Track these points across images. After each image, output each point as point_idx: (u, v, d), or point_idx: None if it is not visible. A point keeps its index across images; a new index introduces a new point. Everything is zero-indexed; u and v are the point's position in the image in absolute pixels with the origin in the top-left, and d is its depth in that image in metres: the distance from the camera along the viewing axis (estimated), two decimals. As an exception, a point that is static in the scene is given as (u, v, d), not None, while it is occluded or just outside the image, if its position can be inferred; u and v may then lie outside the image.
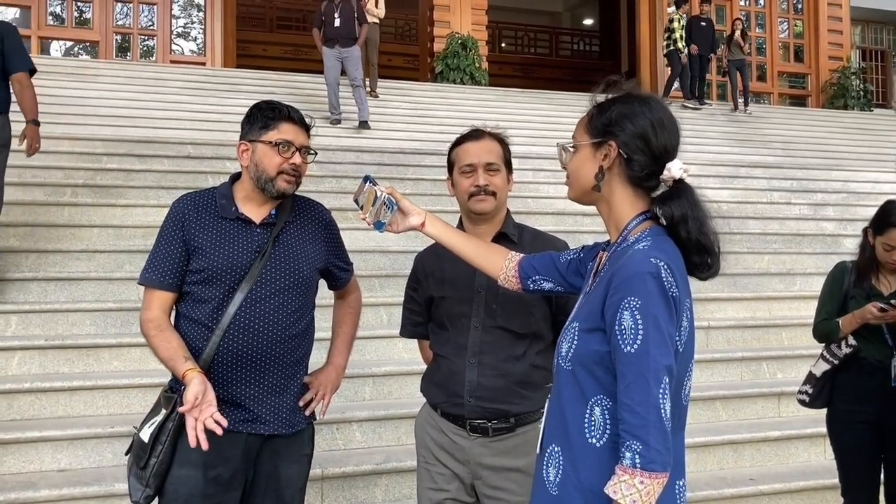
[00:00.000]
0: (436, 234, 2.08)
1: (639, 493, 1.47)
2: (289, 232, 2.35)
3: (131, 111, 8.52)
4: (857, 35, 18.15)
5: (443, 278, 2.35)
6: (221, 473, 2.22)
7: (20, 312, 4.41)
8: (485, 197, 2.28)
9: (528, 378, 2.27)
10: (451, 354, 2.30)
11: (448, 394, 2.30)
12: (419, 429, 2.44)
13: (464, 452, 2.29)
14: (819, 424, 4.51)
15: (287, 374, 2.30)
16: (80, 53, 13.67)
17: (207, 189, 2.39)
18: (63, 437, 3.63)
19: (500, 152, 2.35)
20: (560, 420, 1.66)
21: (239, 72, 11.69)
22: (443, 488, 2.32)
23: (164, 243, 2.27)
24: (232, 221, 2.29)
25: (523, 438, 2.28)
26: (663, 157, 1.65)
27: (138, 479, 2.21)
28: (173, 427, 2.18)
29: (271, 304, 2.24)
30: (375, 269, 5.35)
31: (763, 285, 6.16)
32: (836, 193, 8.61)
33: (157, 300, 2.26)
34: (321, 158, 7.29)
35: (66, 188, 6.08)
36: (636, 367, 1.50)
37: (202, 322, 2.22)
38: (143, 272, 2.28)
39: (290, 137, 2.29)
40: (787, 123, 12.57)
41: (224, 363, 2.21)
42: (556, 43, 22.11)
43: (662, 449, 1.47)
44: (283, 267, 2.28)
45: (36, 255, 4.95)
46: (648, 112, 1.67)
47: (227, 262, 2.23)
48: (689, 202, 1.63)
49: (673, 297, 1.53)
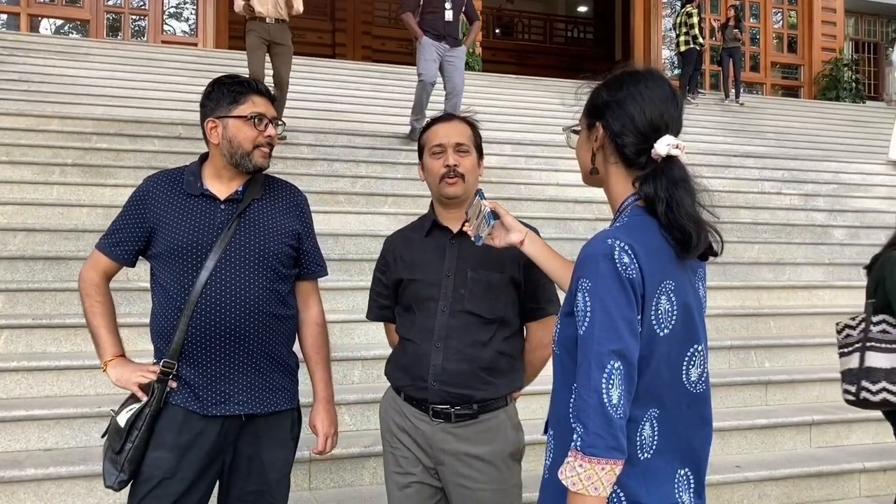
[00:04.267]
0: (534, 253, 2.02)
1: (578, 477, 1.45)
2: (256, 208, 2.31)
3: (122, 91, 8.46)
4: (851, 27, 18.17)
5: (412, 261, 2.32)
6: (196, 456, 2.20)
7: (7, 291, 4.39)
8: (454, 179, 2.26)
9: (493, 364, 2.26)
10: (417, 338, 2.27)
11: (412, 377, 2.27)
12: (383, 413, 2.42)
13: (426, 438, 2.27)
14: (804, 413, 4.57)
15: (262, 353, 2.26)
16: (70, 32, 13.53)
17: (178, 167, 2.39)
18: (50, 417, 3.62)
19: (471, 135, 2.34)
20: (555, 405, 1.65)
21: (231, 53, 11.63)
22: (409, 471, 2.31)
23: (122, 217, 2.32)
24: (196, 198, 2.28)
25: (485, 426, 2.26)
26: (652, 134, 1.60)
27: (113, 464, 2.20)
28: (150, 413, 2.18)
29: (239, 280, 2.21)
30: (366, 252, 5.33)
31: (752, 274, 6.19)
32: (827, 184, 8.64)
33: (101, 264, 2.33)
34: (313, 141, 7.28)
35: (55, 167, 6.04)
36: (583, 349, 1.49)
37: (173, 300, 2.21)
38: (101, 237, 2.35)
39: (262, 110, 2.28)
40: (780, 114, 12.60)
41: (195, 342, 2.19)
42: (551, 30, 22.02)
43: (605, 434, 1.44)
44: (249, 242, 2.25)
45: (24, 233, 4.91)
46: (634, 88, 1.62)
47: (189, 238, 2.21)
48: (669, 180, 1.56)
49: (629, 279, 1.48)
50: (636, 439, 1.53)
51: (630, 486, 1.51)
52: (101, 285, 2.33)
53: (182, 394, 2.21)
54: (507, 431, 2.30)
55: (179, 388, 2.21)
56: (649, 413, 1.55)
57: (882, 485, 4.23)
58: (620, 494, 1.50)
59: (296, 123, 7.07)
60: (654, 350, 1.53)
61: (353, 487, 3.69)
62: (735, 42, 13.20)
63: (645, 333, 1.51)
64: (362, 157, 7.20)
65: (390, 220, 5.80)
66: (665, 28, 15.68)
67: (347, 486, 3.70)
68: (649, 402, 1.54)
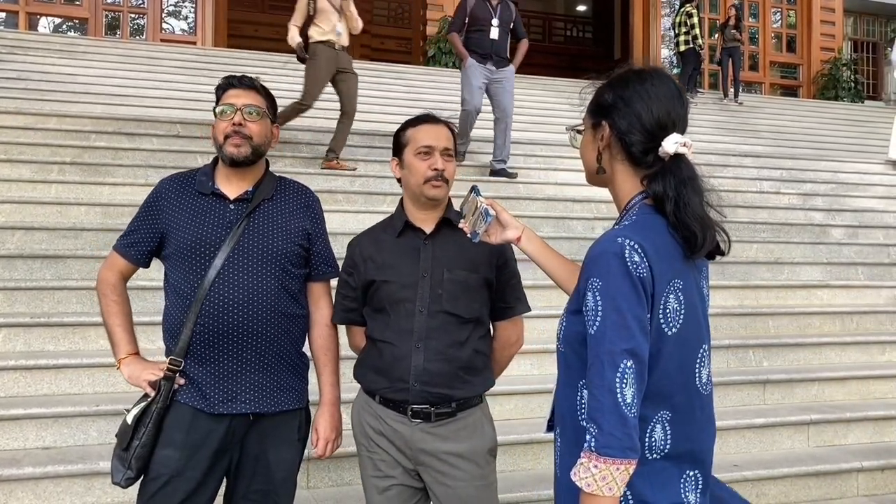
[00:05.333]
0: (531, 250, 2.01)
1: (593, 478, 1.45)
2: (266, 208, 2.32)
3: (120, 89, 8.45)
4: (850, 27, 18.17)
5: (384, 263, 2.31)
6: (205, 455, 2.21)
7: (5, 290, 4.38)
8: (440, 183, 2.28)
9: (471, 363, 2.28)
10: (394, 340, 2.26)
11: (391, 379, 2.26)
12: (355, 417, 2.40)
13: (404, 439, 2.27)
14: (802, 412, 4.57)
15: (270, 352, 2.27)
16: (68, 30, 13.52)
17: (194, 169, 2.42)
18: (48, 415, 3.61)
19: (453, 141, 2.37)
20: (559, 403, 1.65)
21: (230, 51, 11.61)
22: (388, 475, 2.30)
23: (138, 219, 2.37)
24: (207, 197, 2.31)
25: (463, 423, 2.28)
26: (659, 133, 1.59)
27: (120, 461, 2.22)
28: (157, 410, 2.20)
29: (247, 279, 2.23)
30: (364, 251, 5.32)
31: (751, 274, 6.19)
32: (825, 184, 8.64)
33: (117, 265, 2.39)
34: (311, 140, 7.27)
35: (53, 165, 6.03)
36: (595, 349, 1.49)
37: (183, 298, 2.24)
38: (118, 238, 2.41)
39: (231, 101, 2.30)
40: (778, 113, 12.60)
41: (202, 339, 2.21)
42: (550, 29, 22.00)
43: (619, 434, 1.44)
44: (258, 242, 2.26)
45: (22, 231, 4.90)
46: (640, 87, 1.62)
47: (198, 237, 2.24)
48: (677, 179, 1.57)
49: (640, 277, 1.48)
50: (645, 439, 1.53)
51: (637, 486, 1.51)
52: (117, 285, 2.38)
53: (189, 392, 2.24)
54: (485, 427, 2.34)
55: (187, 385, 2.23)
56: (661, 415, 1.54)
57: (880, 484, 4.24)
58: (627, 493, 1.51)
59: (294, 122, 7.05)
60: (661, 349, 1.53)
61: (351, 486, 3.69)
62: (734, 42, 13.21)
63: (653, 332, 1.51)
64: (361, 156, 7.19)
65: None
66: (664, 27, 15.69)
67: (346, 485, 3.70)
68: (660, 404, 1.54)
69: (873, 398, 4.93)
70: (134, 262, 2.37)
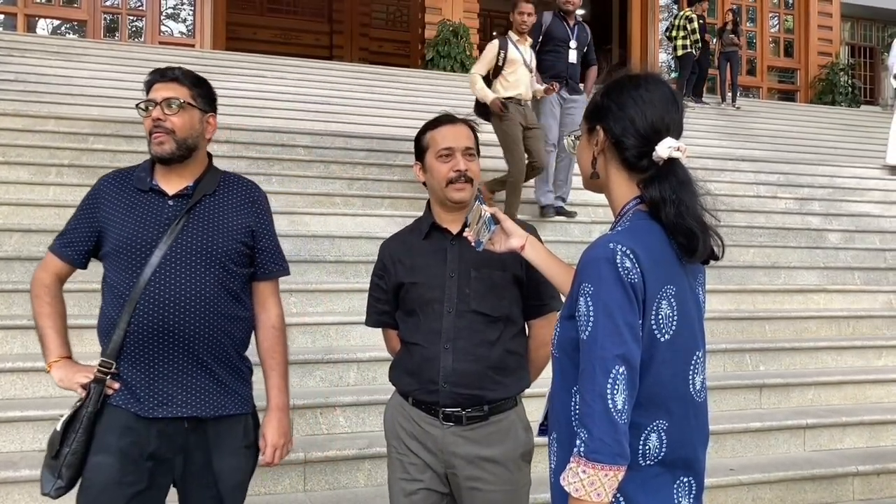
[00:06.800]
0: (535, 258, 2.01)
1: (581, 483, 1.45)
2: (207, 205, 2.23)
3: (119, 92, 8.42)
4: (847, 31, 18.23)
5: (413, 265, 2.30)
6: (141, 461, 2.12)
7: (3, 292, 4.38)
8: (464, 185, 2.25)
9: (502, 363, 2.25)
10: (423, 341, 2.25)
11: (421, 381, 2.25)
12: (389, 419, 2.39)
13: (436, 442, 2.25)
14: (798, 416, 4.58)
15: (209, 354, 2.17)
16: (67, 33, 13.52)
17: (136, 165, 2.36)
18: (45, 418, 3.60)
19: (474, 139, 2.33)
20: (555, 408, 1.65)
21: (228, 54, 11.61)
22: (416, 478, 2.28)
23: (75, 218, 2.30)
24: (145, 194, 2.23)
25: (496, 427, 2.25)
26: (654, 137, 1.59)
27: (50, 470, 2.12)
28: (87, 414, 2.11)
29: (184, 278, 2.14)
30: (362, 254, 5.33)
31: (748, 278, 6.20)
32: (822, 188, 8.66)
33: (53, 266, 2.31)
34: (309, 143, 7.27)
35: (51, 168, 6.03)
36: (587, 354, 1.49)
37: (119, 297, 2.15)
38: (54, 238, 2.33)
39: (151, 96, 2.22)
40: (775, 118, 12.63)
41: (135, 340, 2.12)
42: (548, 32, 22.02)
43: (609, 440, 1.44)
44: (196, 240, 2.17)
45: (20, 234, 4.90)
46: (635, 91, 1.63)
47: (134, 234, 2.16)
48: (672, 184, 1.57)
49: (631, 283, 1.48)
50: (638, 447, 1.53)
51: (630, 491, 1.51)
52: (51, 287, 2.30)
53: (122, 395, 2.14)
54: (518, 432, 2.30)
55: (121, 388, 2.14)
56: (656, 424, 1.54)
57: (875, 488, 4.25)
58: (620, 499, 1.51)
59: (292, 125, 7.06)
60: (654, 355, 1.52)
61: (347, 489, 3.69)
62: (732, 46, 13.25)
63: (645, 338, 1.51)
64: (359, 159, 7.20)
65: (387, 221, 5.80)
66: (662, 31, 15.71)
67: (342, 489, 3.70)
68: (655, 412, 1.54)
69: (869, 402, 4.94)
70: (70, 263, 2.28)
